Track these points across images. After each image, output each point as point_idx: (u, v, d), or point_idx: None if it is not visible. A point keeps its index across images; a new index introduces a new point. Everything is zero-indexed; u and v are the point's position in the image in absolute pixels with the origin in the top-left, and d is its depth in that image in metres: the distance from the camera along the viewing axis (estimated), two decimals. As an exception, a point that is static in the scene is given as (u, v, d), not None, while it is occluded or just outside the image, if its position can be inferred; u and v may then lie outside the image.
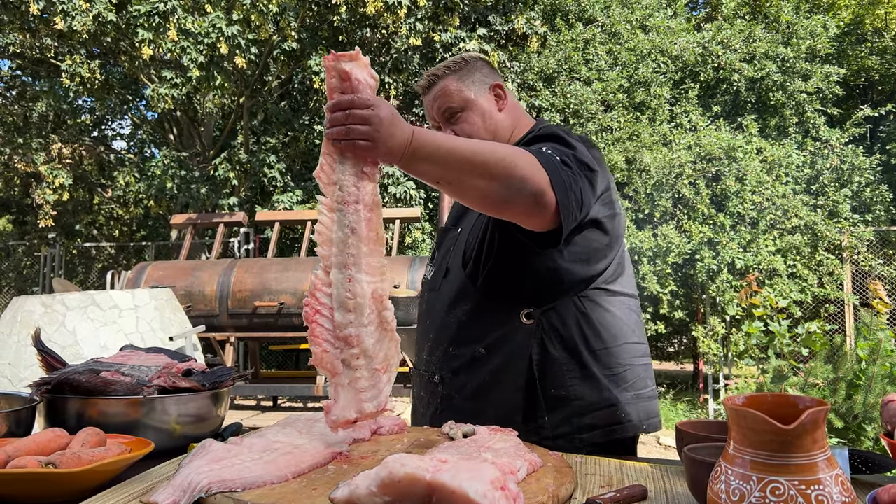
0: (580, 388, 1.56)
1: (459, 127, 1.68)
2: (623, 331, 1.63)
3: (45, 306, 4.28)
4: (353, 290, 1.27)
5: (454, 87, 1.69)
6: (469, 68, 1.72)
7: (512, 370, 1.56)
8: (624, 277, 1.66)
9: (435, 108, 1.71)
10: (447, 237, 1.78)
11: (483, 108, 1.70)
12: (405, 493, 0.96)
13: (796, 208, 9.39)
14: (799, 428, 0.80)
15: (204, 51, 8.91)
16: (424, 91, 1.75)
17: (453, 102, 1.69)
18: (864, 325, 4.60)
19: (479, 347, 1.58)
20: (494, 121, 1.70)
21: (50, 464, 1.09)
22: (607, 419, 1.58)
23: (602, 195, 1.55)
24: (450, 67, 1.72)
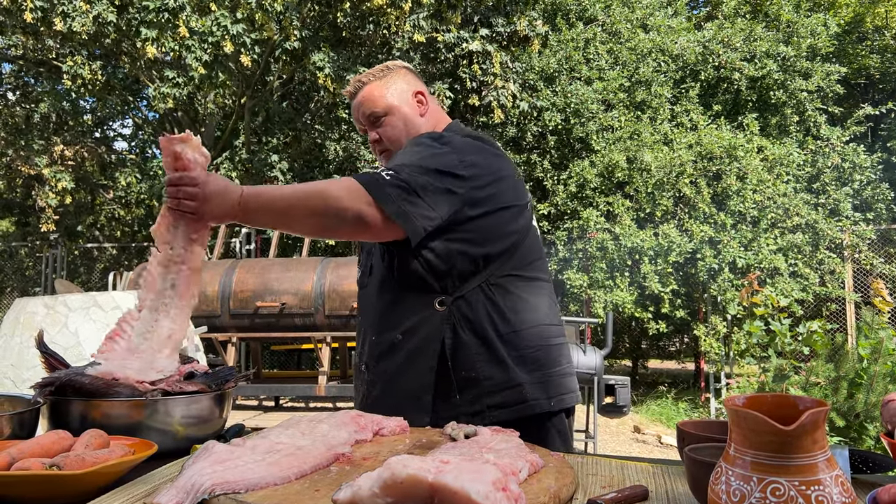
0: (489, 369, 1.68)
1: (383, 130, 1.82)
2: (534, 315, 1.75)
3: (47, 307, 4.28)
4: (154, 328, 1.49)
5: (378, 93, 1.82)
6: (392, 75, 1.85)
7: (425, 353, 1.69)
8: (538, 262, 1.80)
9: (360, 112, 1.84)
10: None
11: (405, 113, 1.83)
12: (407, 494, 0.97)
13: (797, 207, 9.39)
14: (799, 429, 0.81)
15: (208, 49, 8.90)
16: (351, 97, 1.87)
17: (377, 108, 1.82)
18: (866, 324, 4.60)
19: (397, 334, 1.70)
20: (415, 125, 1.83)
21: (54, 466, 1.09)
22: (514, 398, 1.69)
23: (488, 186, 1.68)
24: (374, 74, 1.85)
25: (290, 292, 7.57)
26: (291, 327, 7.71)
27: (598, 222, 9.52)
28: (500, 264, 1.71)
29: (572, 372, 1.84)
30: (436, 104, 1.92)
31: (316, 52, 9.65)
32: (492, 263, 1.70)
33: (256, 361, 9.05)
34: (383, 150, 1.85)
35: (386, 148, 1.84)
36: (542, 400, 1.72)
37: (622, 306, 9.01)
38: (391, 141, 1.82)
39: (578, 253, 9.68)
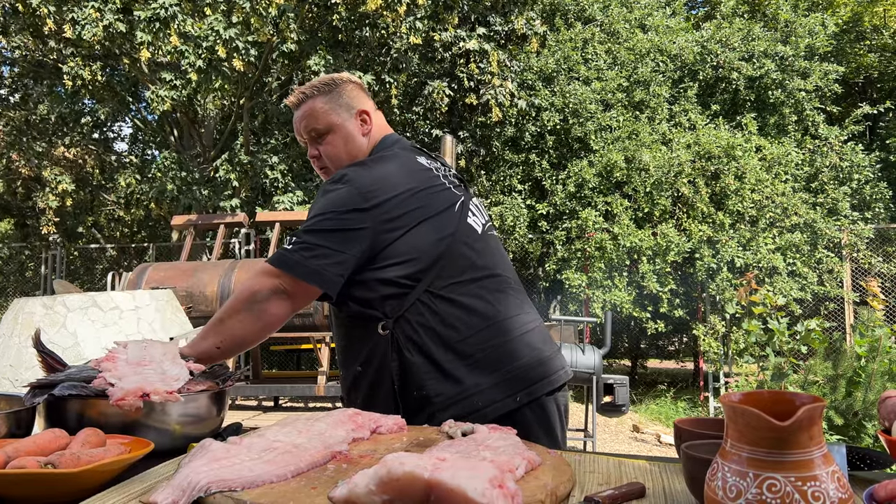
0: (437, 385, 1.66)
1: (323, 148, 1.80)
2: (482, 316, 1.71)
3: (45, 308, 4.28)
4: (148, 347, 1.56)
5: (321, 109, 1.79)
6: (338, 91, 1.81)
7: (382, 380, 1.70)
8: (480, 262, 1.75)
9: (302, 126, 1.81)
10: None
11: (347, 131, 1.80)
12: (404, 492, 0.96)
13: (796, 206, 9.40)
14: (795, 424, 0.80)
15: (202, 54, 8.91)
16: (294, 107, 1.83)
17: (319, 124, 1.79)
18: (862, 323, 4.60)
19: (356, 366, 1.73)
20: (356, 145, 1.81)
21: (49, 464, 1.09)
22: (467, 408, 1.66)
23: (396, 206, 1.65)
24: (319, 88, 1.81)
25: (289, 293, 7.57)
26: (290, 327, 7.71)
27: (597, 222, 9.52)
28: (434, 276, 1.67)
29: (544, 357, 1.77)
30: (380, 120, 1.89)
31: (313, 54, 9.65)
32: (424, 278, 1.67)
33: (256, 361, 9.05)
34: (322, 166, 1.84)
35: (325, 165, 1.83)
36: (504, 399, 1.68)
37: (621, 306, 9.01)
38: (331, 159, 1.81)
39: (577, 253, 9.69)
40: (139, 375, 1.43)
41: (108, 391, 1.37)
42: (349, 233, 1.61)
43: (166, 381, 1.42)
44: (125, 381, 1.40)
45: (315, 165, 1.86)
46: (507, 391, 1.69)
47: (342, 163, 1.80)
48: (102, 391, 1.38)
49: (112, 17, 9.02)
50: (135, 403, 1.35)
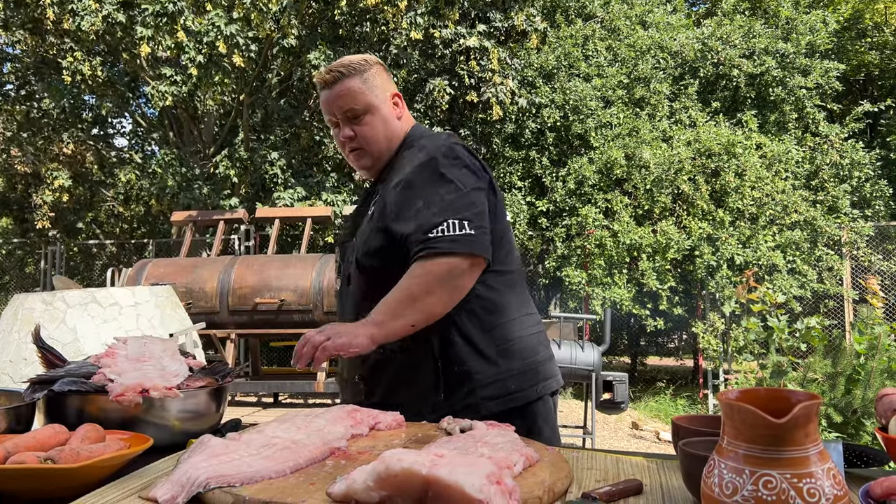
0: (477, 364, 1.72)
1: (360, 129, 1.76)
2: (512, 307, 1.78)
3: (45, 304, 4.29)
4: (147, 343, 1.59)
5: (358, 89, 1.75)
6: (371, 72, 1.78)
7: (419, 358, 1.70)
8: (512, 256, 1.82)
9: (336, 105, 1.77)
10: (347, 248, 1.86)
11: (384, 113, 1.79)
12: (402, 488, 0.97)
13: (796, 204, 9.40)
14: (791, 422, 0.81)
15: (203, 50, 8.90)
16: (326, 85, 1.78)
17: (357, 104, 1.75)
18: (861, 321, 4.60)
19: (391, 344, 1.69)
20: (392, 128, 1.80)
21: (48, 459, 1.10)
22: (501, 390, 1.73)
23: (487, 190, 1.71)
24: (354, 68, 1.77)
25: (289, 289, 7.57)
26: (290, 324, 7.71)
27: (597, 219, 9.52)
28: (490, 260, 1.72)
29: (551, 356, 1.88)
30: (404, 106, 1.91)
31: (313, 49, 9.64)
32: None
33: (255, 358, 9.06)
34: (355, 148, 1.80)
35: (359, 147, 1.79)
36: (526, 390, 1.76)
37: (620, 303, 9.01)
38: (368, 141, 1.78)
39: (577, 250, 9.69)
40: (138, 371, 1.43)
41: (108, 387, 1.37)
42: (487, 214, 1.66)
43: (165, 378, 1.43)
44: (125, 376, 1.40)
45: (346, 147, 1.81)
46: (531, 381, 1.78)
47: (379, 145, 1.79)
48: (102, 387, 1.38)
49: (111, 8, 9.00)
50: (134, 399, 1.35)
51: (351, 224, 1.92)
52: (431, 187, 1.64)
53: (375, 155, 1.80)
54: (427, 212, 1.61)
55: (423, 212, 1.61)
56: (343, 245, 1.91)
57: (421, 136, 1.83)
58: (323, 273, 7.59)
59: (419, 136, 1.83)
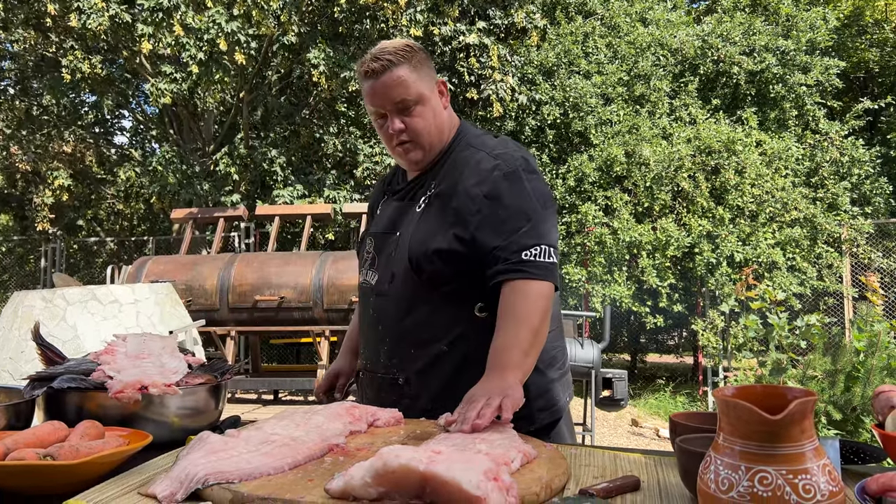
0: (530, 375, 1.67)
1: (411, 120, 1.67)
2: (555, 317, 1.77)
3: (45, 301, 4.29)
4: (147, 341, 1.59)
5: (409, 78, 1.65)
6: (419, 60, 1.68)
7: (472, 364, 1.59)
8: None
9: (386, 96, 1.65)
10: (386, 241, 1.75)
11: (434, 104, 1.70)
12: (399, 484, 0.97)
13: (795, 201, 9.40)
14: (787, 418, 0.81)
15: (203, 47, 8.90)
16: (373, 75, 1.65)
17: (410, 94, 1.65)
18: (860, 318, 4.60)
19: (442, 345, 1.65)
20: (441, 118, 1.72)
21: (48, 456, 1.10)
22: (550, 401, 1.74)
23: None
24: (403, 55, 1.66)
25: (289, 286, 7.58)
26: (290, 321, 7.72)
27: (597, 216, 9.52)
28: None
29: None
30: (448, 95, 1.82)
31: (313, 47, 9.63)
32: None
33: (255, 355, 9.07)
34: (404, 141, 1.69)
35: (409, 140, 1.69)
36: (562, 399, 1.78)
37: (620, 300, 9.02)
38: (418, 133, 1.68)
39: (577, 247, 9.69)
40: (138, 368, 1.44)
41: (107, 384, 1.38)
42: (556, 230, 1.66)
43: (165, 374, 1.43)
44: (124, 373, 1.41)
45: (393, 140, 1.69)
46: (566, 388, 1.80)
47: (431, 137, 1.70)
48: (101, 384, 1.39)
49: (118, 7, 9.00)
50: (133, 396, 1.36)
51: (390, 215, 1.80)
52: (519, 203, 1.59)
53: (426, 148, 1.70)
54: (519, 230, 1.56)
55: (515, 229, 1.56)
56: (380, 237, 1.79)
57: (476, 135, 1.76)
58: (322, 270, 7.59)
59: (475, 136, 1.76)
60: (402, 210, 1.75)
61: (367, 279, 1.79)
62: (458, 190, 1.64)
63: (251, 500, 1.00)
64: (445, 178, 1.69)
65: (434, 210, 1.67)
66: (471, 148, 1.71)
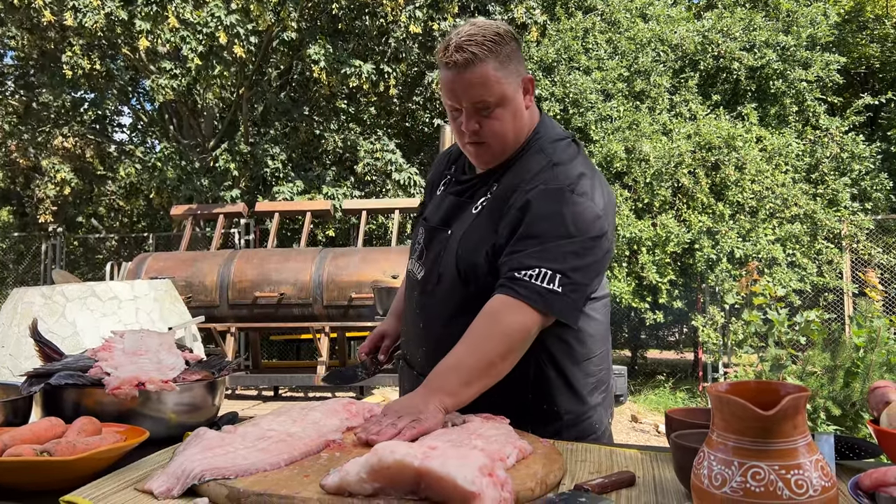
0: (567, 403, 1.60)
1: (489, 122, 1.52)
2: (604, 335, 1.67)
3: (44, 297, 4.29)
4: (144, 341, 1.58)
5: (494, 77, 1.49)
6: (507, 52, 1.51)
7: (514, 390, 1.53)
8: (603, 279, 1.65)
9: (466, 94, 1.50)
10: (437, 237, 1.64)
11: (516, 105, 1.55)
12: (394, 480, 0.98)
13: (796, 197, 9.39)
14: (779, 414, 0.81)
15: (203, 41, 8.89)
16: (455, 67, 1.49)
17: (491, 96, 1.50)
18: (860, 314, 4.61)
19: None
20: (521, 120, 1.58)
21: (45, 452, 1.10)
22: (588, 429, 1.64)
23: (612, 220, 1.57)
24: (490, 47, 1.48)
25: (289, 283, 7.58)
26: (290, 317, 7.73)
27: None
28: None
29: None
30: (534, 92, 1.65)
31: (313, 43, 9.63)
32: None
33: (255, 351, 9.08)
34: (480, 141, 1.55)
35: (483, 142, 1.55)
36: (605, 420, 1.69)
37: (620, 296, 9.02)
38: (495, 136, 1.54)
39: (577, 243, 9.67)
40: (135, 365, 1.44)
41: (105, 380, 1.38)
42: (596, 265, 1.49)
43: (162, 371, 1.44)
44: (121, 370, 1.41)
45: (465, 139, 1.57)
46: (607, 413, 1.70)
47: (507, 141, 1.56)
48: (98, 380, 1.39)
49: (113, 5, 8.99)
50: (130, 392, 1.36)
51: (447, 209, 1.68)
52: (543, 224, 1.46)
53: (499, 151, 1.57)
54: (527, 249, 1.44)
55: (525, 247, 1.45)
56: (432, 230, 1.67)
57: (552, 139, 1.62)
58: (322, 267, 7.59)
59: (551, 139, 1.61)
60: (459, 207, 1.64)
61: (414, 270, 1.70)
62: (510, 198, 1.53)
63: (247, 495, 1.01)
64: (507, 181, 1.57)
65: (487, 214, 1.56)
66: (541, 153, 1.58)
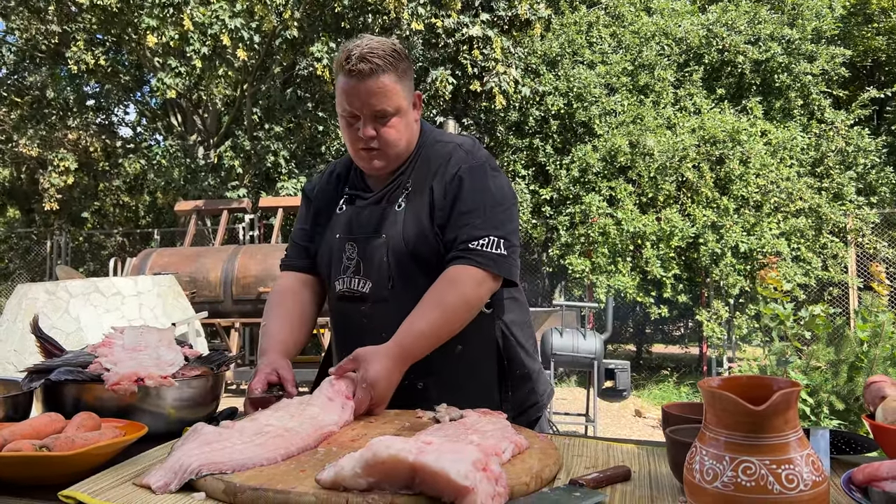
0: (530, 362, 1.79)
1: (385, 130, 1.63)
2: (527, 305, 1.87)
3: (48, 293, 4.32)
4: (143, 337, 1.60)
5: (392, 88, 1.61)
6: (404, 68, 1.65)
7: (487, 358, 1.71)
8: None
9: (367, 102, 1.60)
10: (372, 245, 1.69)
11: (409, 116, 1.68)
12: (389, 474, 0.98)
13: (801, 191, 9.36)
14: (770, 409, 0.82)
15: (207, 42, 8.89)
16: (358, 76, 1.58)
17: (389, 105, 1.61)
18: (865, 308, 4.59)
19: (457, 345, 1.64)
20: (412, 131, 1.71)
21: (44, 447, 1.11)
22: (545, 385, 1.85)
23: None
24: (390, 61, 1.60)
25: (293, 278, 7.60)
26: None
27: (601, 207, 9.50)
28: None
29: None
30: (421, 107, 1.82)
31: (316, 41, 9.63)
32: None
33: (260, 347, 9.10)
34: (374, 148, 1.65)
35: (377, 148, 1.65)
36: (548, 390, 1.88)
37: (624, 291, 9.01)
38: (389, 144, 1.64)
39: (580, 238, 9.68)
40: (134, 360, 1.45)
41: (104, 376, 1.39)
42: (518, 226, 1.70)
43: (161, 367, 1.45)
44: (121, 365, 1.42)
45: (360, 145, 1.65)
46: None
47: (398, 150, 1.67)
48: (98, 376, 1.40)
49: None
50: (129, 388, 1.37)
51: (368, 219, 1.72)
52: (477, 197, 1.63)
53: (392, 157, 1.68)
54: (472, 223, 1.60)
55: (469, 221, 1.61)
56: (364, 241, 1.71)
57: (440, 131, 1.80)
58: (326, 262, 7.62)
59: (439, 132, 1.80)
60: (382, 213, 1.70)
61: (352, 287, 1.72)
62: (430, 186, 1.67)
63: (243, 490, 1.02)
64: (419, 176, 1.71)
65: (414, 206, 1.68)
66: (439, 143, 1.74)
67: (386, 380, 1.47)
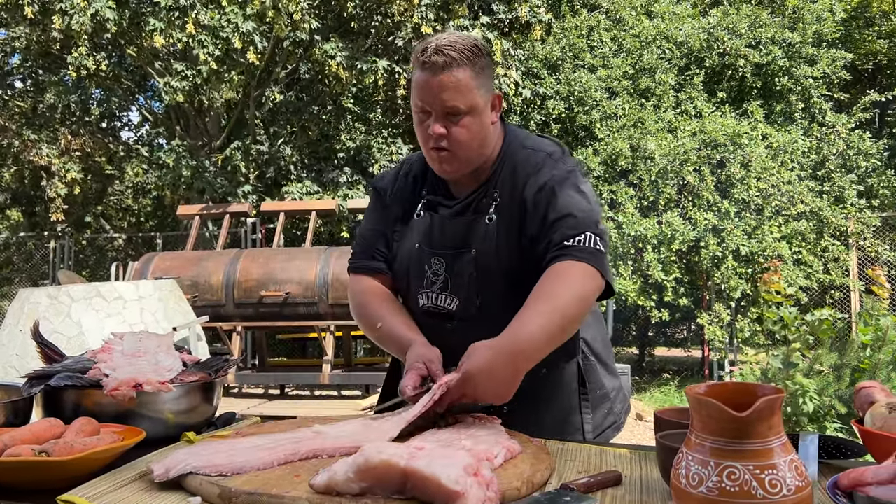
0: (609, 381, 1.77)
1: (457, 129, 1.53)
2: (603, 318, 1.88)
3: (50, 298, 4.34)
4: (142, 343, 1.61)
5: (467, 84, 1.50)
6: (483, 65, 1.54)
7: (568, 379, 1.68)
8: None
9: (439, 97, 1.50)
10: (461, 260, 1.60)
11: (484, 118, 1.57)
12: (381, 479, 1.00)
13: (802, 194, 9.36)
14: (754, 415, 0.83)
15: (219, 45, 8.91)
16: (433, 69, 1.49)
17: (462, 102, 1.51)
18: (866, 312, 4.59)
19: (542, 368, 1.50)
20: (486, 135, 1.60)
21: (43, 452, 1.13)
22: (624, 401, 1.84)
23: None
24: (468, 56, 1.50)
25: (294, 281, 7.62)
26: (295, 316, 7.76)
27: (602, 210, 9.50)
28: None
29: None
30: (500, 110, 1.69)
31: (326, 41, 9.66)
32: None
33: (262, 350, 9.12)
34: (443, 149, 1.55)
35: (447, 149, 1.55)
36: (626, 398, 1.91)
37: (625, 294, 9.02)
38: (460, 145, 1.54)
39: (582, 241, 9.67)
40: (133, 366, 1.47)
41: (103, 382, 1.41)
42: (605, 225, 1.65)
43: (159, 372, 1.46)
44: (119, 371, 1.44)
45: (430, 143, 1.56)
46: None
47: (470, 152, 1.57)
48: (97, 382, 1.42)
49: (101, 4, 8.95)
50: (128, 393, 1.39)
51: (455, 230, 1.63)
52: (569, 200, 1.53)
53: (463, 161, 1.57)
54: (566, 223, 1.51)
55: (561, 225, 1.51)
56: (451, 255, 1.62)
57: (526, 135, 1.71)
58: (327, 265, 7.63)
59: (525, 136, 1.70)
60: (470, 224, 1.62)
61: (438, 303, 1.63)
62: (521, 197, 1.58)
63: (237, 494, 1.03)
64: (507, 184, 1.61)
65: (505, 219, 1.58)
66: (526, 149, 1.64)
67: (486, 373, 1.34)
